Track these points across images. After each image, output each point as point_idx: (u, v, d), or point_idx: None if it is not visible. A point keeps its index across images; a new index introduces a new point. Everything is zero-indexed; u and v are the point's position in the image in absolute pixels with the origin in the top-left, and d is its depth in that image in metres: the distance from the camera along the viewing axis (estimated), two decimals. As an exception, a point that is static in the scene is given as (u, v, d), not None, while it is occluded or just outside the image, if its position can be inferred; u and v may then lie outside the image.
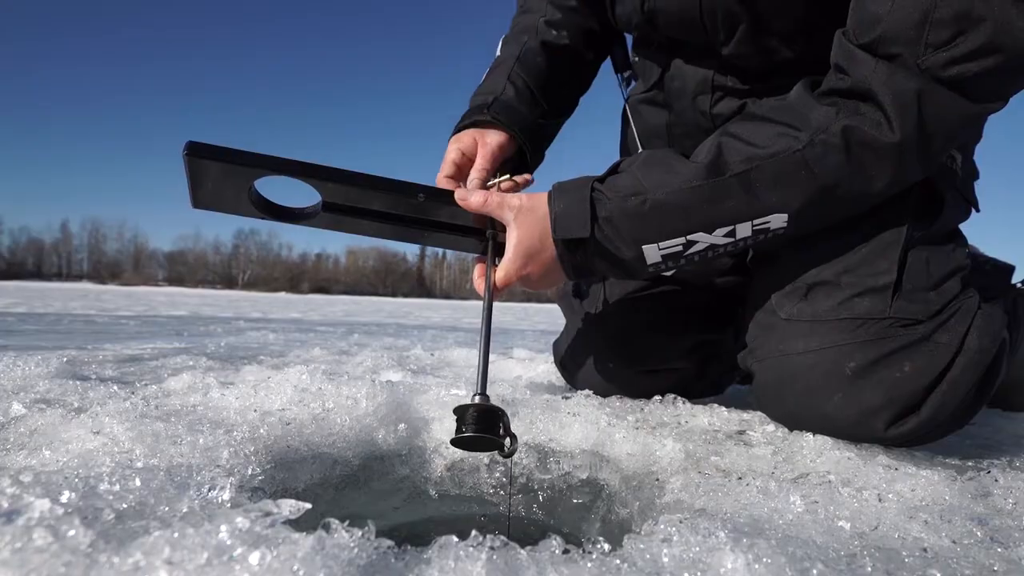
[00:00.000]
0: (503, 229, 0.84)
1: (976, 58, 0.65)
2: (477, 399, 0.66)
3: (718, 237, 0.77)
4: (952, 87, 0.67)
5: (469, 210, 0.83)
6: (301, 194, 0.83)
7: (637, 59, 1.09)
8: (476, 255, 0.91)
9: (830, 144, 0.72)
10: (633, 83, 1.15)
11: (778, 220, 0.76)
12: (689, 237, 0.77)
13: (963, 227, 0.89)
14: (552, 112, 1.10)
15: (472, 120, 1.00)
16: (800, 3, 0.82)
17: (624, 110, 1.16)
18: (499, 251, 0.84)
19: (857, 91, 0.71)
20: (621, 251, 0.79)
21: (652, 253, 0.79)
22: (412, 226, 0.87)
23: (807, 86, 0.77)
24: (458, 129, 1.02)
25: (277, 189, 0.85)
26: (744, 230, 0.77)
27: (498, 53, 1.15)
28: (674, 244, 0.78)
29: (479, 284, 0.84)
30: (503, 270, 0.81)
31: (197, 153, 0.74)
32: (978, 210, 0.91)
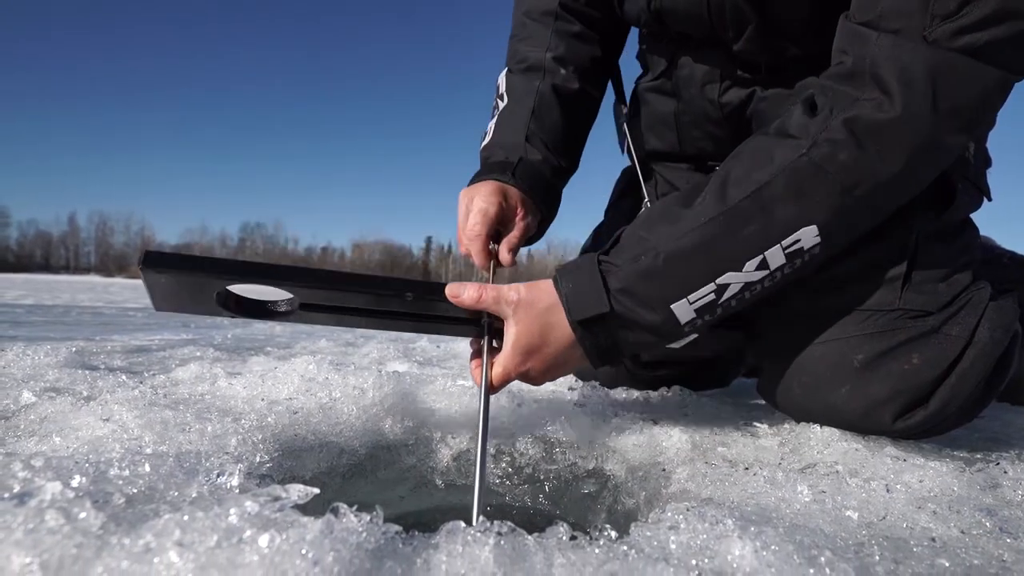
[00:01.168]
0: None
1: (987, 26, 0.63)
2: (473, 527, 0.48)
3: (751, 272, 0.70)
4: (967, 54, 0.64)
5: (462, 307, 0.76)
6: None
7: (645, 47, 1.08)
8: (472, 340, 0.83)
9: (836, 140, 0.68)
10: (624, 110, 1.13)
11: (809, 236, 0.70)
12: (718, 281, 0.70)
13: (978, 218, 0.88)
14: (567, 170, 1.06)
15: (495, 177, 0.94)
16: (806, 3, 0.80)
17: (616, 106, 1.15)
18: (498, 336, 0.77)
19: (857, 71, 0.69)
20: (647, 318, 0.72)
21: (683, 311, 0.71)
22: (401, 319, 0.80)
23: (801, 105, 0.75)
24: (476, 180, 0.95)
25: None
26: (776, 257, 0.70)
27: (502, 88, 1.08)
28: (704, 294, 0.71)
29: (476, 375, 0.78)
30: (501, 366, 0.74)
31: (154, 265, 0.66)
32: (990, 199, 0.90)
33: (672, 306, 0.71)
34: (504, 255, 0.90)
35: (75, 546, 0.34)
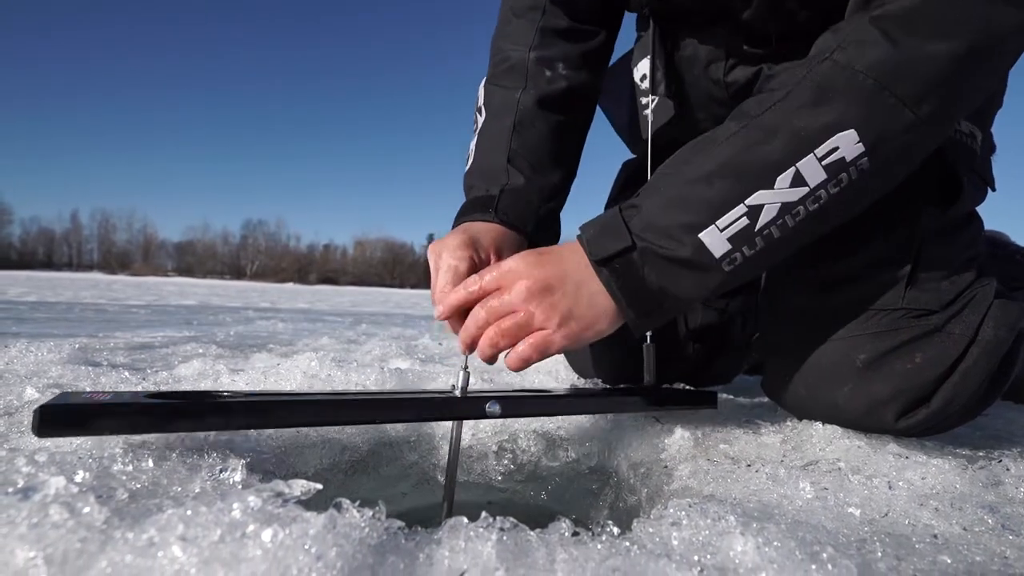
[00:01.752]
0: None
1: None
2: None
3: (786, 191, 0.62)
4: None
5: (451, 310, 0.69)
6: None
7: (643, 35, 1.07)
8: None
9: (863, 41, 0.61)
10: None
11: (848, 144, 0.61)
12: (748, 202, 0.63)
13: (985, 211, 0.87)
14: (560, 186, 0.95)
15: (476, 217, 0.85)
16: None
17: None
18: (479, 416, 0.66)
19: None
20: (675, 252, 0.64)
21: (715, 241, 0.63)
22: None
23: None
24: (459, 221, 0.86)
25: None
26: (814, 171, 0.62)
27: (480, 100, 0.98)
28: (735, 218, 0.63)
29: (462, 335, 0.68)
30: (507, 304, 0.65)
31: (52, 428, 0.47)
32: (994, 189, 0.89)
33: (701, 235, 0.63)
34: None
35: (79, 540, 0.34)
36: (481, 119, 0.96)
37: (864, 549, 0.43)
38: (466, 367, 0.67)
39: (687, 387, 0.95)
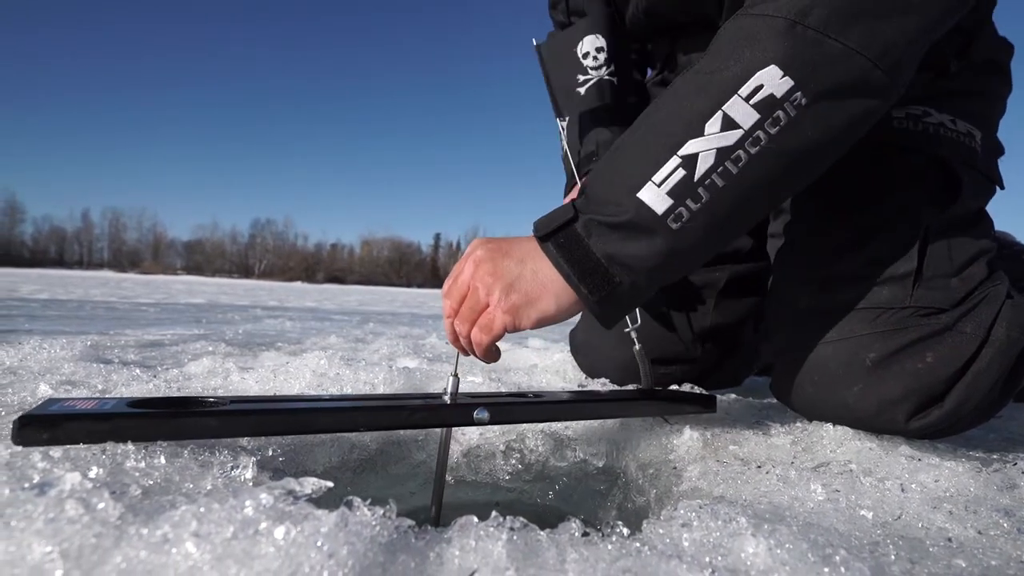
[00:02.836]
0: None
1: None
2: None
3: (717, 135, 0.60)
4: None
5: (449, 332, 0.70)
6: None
7: (649, 47, 1.08)
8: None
9: None
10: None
11: (773, 80, 0.60)
12: (681, 152, 0.61)
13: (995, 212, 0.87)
14: None
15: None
16: None
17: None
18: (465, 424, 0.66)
19: None
20: (617, 215, 0.62)
21: (654, 197, 0.61)
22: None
23: None
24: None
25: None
26: (743, 112, 0.60)
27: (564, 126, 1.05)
28: (670, 171, 0.61)
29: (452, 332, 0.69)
30: (458, 278, 0.67)
31: (31, 437, 0.47)
32: (1002, 187, 0.88)
33: (639, 194, 0.61)
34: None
35: (94, 536, 0.35)
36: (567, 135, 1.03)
37: (877, 552, 0.43)
38: (455, 373, 0.67)
39: (698, 389, 0.94)
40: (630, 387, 1.03)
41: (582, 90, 1.01)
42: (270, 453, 0.64)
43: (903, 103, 0.83)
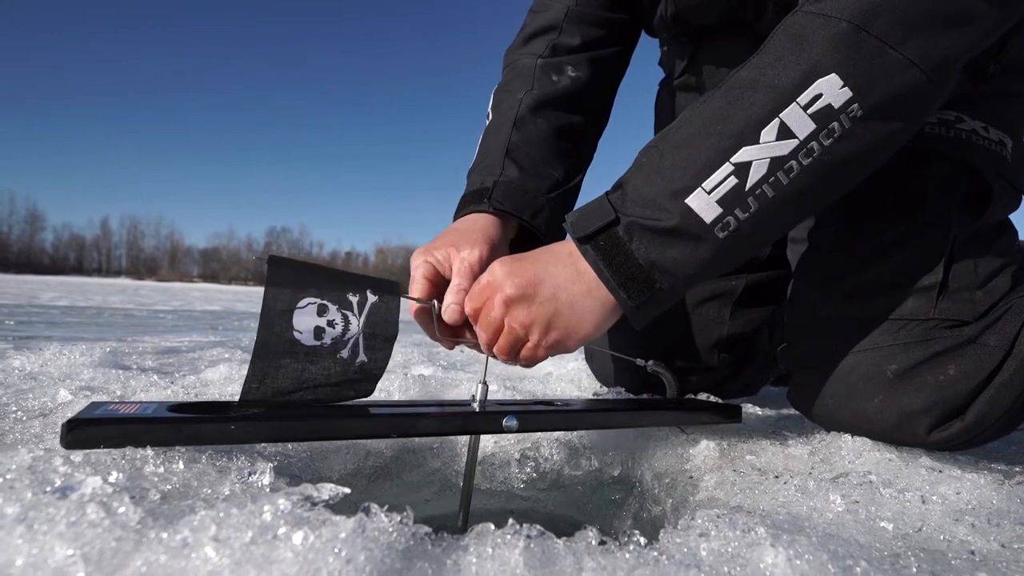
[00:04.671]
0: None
1: None
2: None
3: (773, 144, 0.59)
4: None
5: (452, 323, 0.69)
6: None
7: (665, 49, 1.08)
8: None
9: None
10: None
11: (832, 89, 0.58)
12: (734, 160, 0.59)
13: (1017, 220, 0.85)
14: (564, 181, 0.92)
15: (471, 210, 0.84)
16: None
17: (657, 102, 1.15)
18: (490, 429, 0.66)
19: None
20: (663, 221, 0.61)
21: (703, 205, 0.60)
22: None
23: None
24: (456, 218, 0.86)
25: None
26: (800, 121, 0.59)
27: (489, 107, 0.98)
28: (722, 178, 0.60)
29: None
30: (481, 299, 0.66)
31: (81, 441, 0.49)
32: None
33: (687, 200, 0.60)
34: (448, 308, 0.71)
35: (115, 539, 0.35)
36: (487, 122, 0.96)
37: (898, 564, 0.42)
38: (484, 380, 0.67)
39: (714, 398, 0.93)
40: (646, 396, 1.03)
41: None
42: (287, 459, 0.64)
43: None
